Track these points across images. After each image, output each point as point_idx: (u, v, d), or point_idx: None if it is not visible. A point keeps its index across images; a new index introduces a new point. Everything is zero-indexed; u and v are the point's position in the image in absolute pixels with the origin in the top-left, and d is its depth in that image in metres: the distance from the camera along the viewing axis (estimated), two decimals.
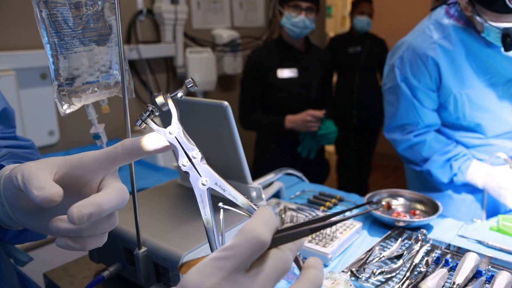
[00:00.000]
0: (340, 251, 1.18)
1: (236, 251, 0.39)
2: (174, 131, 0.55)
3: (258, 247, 0.40)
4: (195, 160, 0.55)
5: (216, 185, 0.55)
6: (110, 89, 0.91)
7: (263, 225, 0.41)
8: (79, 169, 0.56)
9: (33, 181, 0.50)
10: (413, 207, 1.44)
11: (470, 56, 1.62)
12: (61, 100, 0.85)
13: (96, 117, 0.94)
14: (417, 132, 1.76)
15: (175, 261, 0.85)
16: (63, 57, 0.83)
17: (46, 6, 0.79)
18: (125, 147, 0.56)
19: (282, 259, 0.42)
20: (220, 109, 0.94)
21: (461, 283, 0.96)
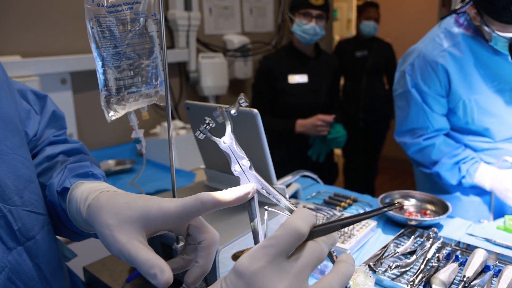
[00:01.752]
0: (357, 248, 1.26)
1: (279, 240, 0.48)
2: (228, 141, 0.64)
3: (297, 238, 0.48)
4: (244, 167, 0.63)
5: (262, 189, 0.63)
6: (150, 98, 1.00)
7: (301, 220, 0.49)
8: (164, 227, 0.64)
9: (141, 267, 0.59)
10: (424, 207, 1.52)
11: (478, 64, 1.69)
12: (108, 108, 0.94)
13: (137, 123, 1.02)
14: (426, 136, 1.83)
15: None
16: (111, 69, 0.92)
17: (98, 23, 0.88)
18: (206, 207, 0.61)
19: (317, 249, 0.49)
20: (250, 116, 1.03)
21: (471, 277, 1.05)
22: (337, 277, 0.50)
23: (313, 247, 0.49)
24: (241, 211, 1.09)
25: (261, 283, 0.46)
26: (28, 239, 0.69)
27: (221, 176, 1.25)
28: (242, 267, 0.47)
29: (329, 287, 0.48)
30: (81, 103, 2.62)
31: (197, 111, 1.15)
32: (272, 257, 0.47)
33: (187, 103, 1.16)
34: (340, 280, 0.49)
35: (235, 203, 0.62)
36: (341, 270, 0.50)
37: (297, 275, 0.47)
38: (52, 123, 0.95)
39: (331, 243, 0.51)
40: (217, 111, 0.66)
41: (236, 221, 1.04)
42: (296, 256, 0.48)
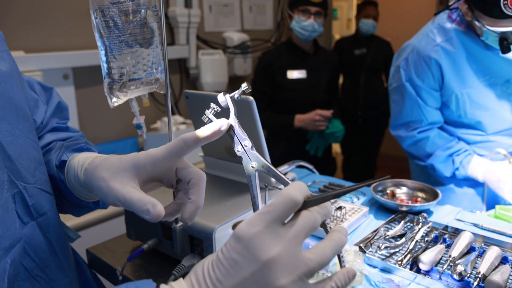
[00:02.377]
0: (349, 232, 1.31)
1: (275, 207, 0.52)
2: (232, 123, 0.68)
3: (292, 205, 0.53)
4: (246, 148, 0.68)
5: (262, 167, 0.69)
6: (151, 85, 1.05)
7: (296, 190, 0.54)
8: (155, 171, 0.71)
9: (135, 205, 0.65)
10: (415, 195, 1.57)
11: (470, 58, 1.73)
12: (110, 94, 0.99)
13: (138, 110, 1.07)
14: (421, 129, 1.88)
15: (208, 233, 0.98)
16: (114, 57, 0.97)
17: (101, 14, 0.93)
18: (188, 143, 0.69)
19: (311, 218, 0.54)
20: (246, 104, 1.08)
21: (456, 256, 1.09)
22: (329, 244, 0.54)
23: (307, 215, 0.54)
24: (237, 194, 1.14)
25: (258, 245, 0.50)
26: (41, 215, 0.74)
27: (219, 163, 1.30)
28: (241, 232, 0.52)
29: (322, 252, 0.53)
30: (83, 98, 2.67)
31: (196, 100, 1.20)
32: (269, 223, 0.52)
33: (187, 92, 1.21)
34: (332, 247, 0.54)
35: (212, 136, 0.69)
36: (333, 238, 0.55)
37: (291, 240, 0.51)
38: (57, 113, 1.01)
39: (324, 214, 0.56)
40: (222, 96, 0.71)
41: (233, 203, 1.09)
42: (291, 223, 0.53)
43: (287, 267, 0.50)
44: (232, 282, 0.50)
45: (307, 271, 0.51)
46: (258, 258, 0.50)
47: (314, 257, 0.52)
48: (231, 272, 0.51)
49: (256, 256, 0.50)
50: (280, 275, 0.50)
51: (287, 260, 0.50)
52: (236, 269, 0.51)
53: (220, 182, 1.25)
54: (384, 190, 1.59)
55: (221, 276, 0.51)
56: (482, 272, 1.01)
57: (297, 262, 0.51)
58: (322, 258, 0.52)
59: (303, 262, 0.51)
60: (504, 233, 1.28)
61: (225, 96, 0.71)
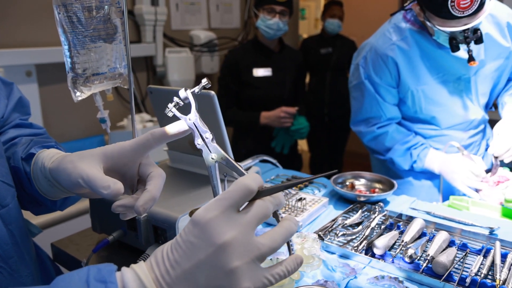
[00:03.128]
0: (309, 221, 1.37)
1: (231, 194, 0.56)
2: (193, 118, 0.72)
3: (247, 193, 0.57)
4: (207, 140, 0.72)
5: (221, 159, 0.72)
6: (114, 80, 1.08)
7: (251, 179, 0.58)
8: (121, 160, 0.74)
9: (97, 182, 0.68)
10: (373, 186, 1.64)
11: (424, 56, 1.82)
12: (74, 88, 1.01)
13: (102, 104, 1.10)
14: (380, 124, 1.96)
15: (172, 222, 1.02)
16: (77, 52, 0.99)
17: (64, 9, 0.95)
18: (156, 137, 0.72)
19: (263, 206, 0.58)
20: (207, 98, 1.12)
21: (408, 241, 1.16)
22: (280, 231, 0.58)
23: (260, 204, 0.58)
24: (200, 186, 1.18)
25: (214, 229, 0.54)
26: (3, 207, 0.76)
27: (183, 157, 1.33)
28: (198, 216, 0.55)
29: (273, 238, 0.57)
30: (47, 96, 2.65)
31: (160, 95, 1.23)
32: (225, 208, 0.55)
33: (150, 87, 1.24)
34: (282, 234, 0.58)
35: (179, 135, 0.73)
36: (284, 226, 0.59)
37: (245, 226, 0.55)
38: (19, 109, 1.01)
39: (276, 203, 0.60)
40: (183, 92, 0.74)
41: (196, 195, 1.13)
42: (245, 210, 0.57)
43: (240, 250, 0.54)
44: (189, 264, 0.54)
45: (259, 255, 0.55)
46: (214, 241, 0.53)
47: (265, 242, 0.56)
48: (188, 254, 0.54)
49: (211, 240, 0.53)
50: (234, 257, 0.53)
51: (241, 244, 0.54)
52: (193, 251, 0.54)
53: (184, 175, 1.28)
54: (343, 182, 1.66)
55: (178, 258, 0.54)
56: (431, 254, 1.09)
57: (250, 246, 0.55)
58: (273, 243, 0.57)
59: (255, 247, 0.55)
60: (453, 219, 1.36)
61: (186, 92, 0.74)
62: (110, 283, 0.53)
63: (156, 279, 0.54)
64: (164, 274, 0.54)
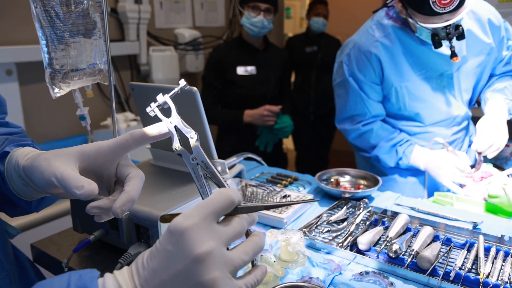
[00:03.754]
0: (294, 218, 1.36)
1: (213, 203, 0.55)
2: (174, 121, 0.70)
3: (229, 203, 0.56)
4: (192, 140, 0.70)
5: (202, 162, 0.70)
6: (94, 76, 1.06)
7: (234, 192, 0.57)
8: (98, 160, 0.71)
9: (70, 182, 0.65)
10: (358, 182, 1.64)
11: (407, 53, 1.82)
12: (52, 85, 0.99)
13: (81, 101, 1.07)
14: (365, 122, 1.96)
15: (154, 220, 1.00)
16: (55, 47, 0.97)
17: (41, 3, 0.93)
18: (135, 138, 0.70)
19: (241, 224, 0.57)
20: (190, 94, 1.10)
21: (393, 237, 1.16)
22: (250, 245, 0.57)
23: (238, 221, 0.57)
24: (183, 184, 1.16)
25: (191, 237, 0.52)
26: None
27: (166, 154, 1.31)
28: (175, 224, 0.53)
29: (244, 252, 0.56)
30: (28, 95, 2.60)
31: (142, 92, 1.21)
32: (205, 215, 0.54)
33: (132, 84, 1.22)
34: (252, 247, 0.57)
35: (158, 137, 0.71)
36: (254, 239, 0.58)
37: (222, 239, 0.54)
38: None
39: (250, 222, 0.59)
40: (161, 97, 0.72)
41: (179, 192, 1.11)
42: (224, 224, 0.56)
43: (217, 262, 0.52)
44: (166, 274, 0.52)
45: (234, 268, 0.54)
46: (191, 251, 0.51)
47: (239, 255, 0.55)
48: (165, 264, 0.52)
49: (189, 249, 0.52)
50: (212, 269, 0.52)
51: (218, 256, 0.53)
52: (170, 261, 0.52)
53: (167, 173, 1.27)
54: (328, 179, 1.66)
55: (156, 267, 0.53)
56: (415, 249, 1.09)
57: (225, 258, 0.54)
58: (245, 257, 0.56)
59: (230, 259, 0.54)
60: (437, 215, 1.37)
61: (164, 96, 0.72)
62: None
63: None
64: (143, 283, 0.53)
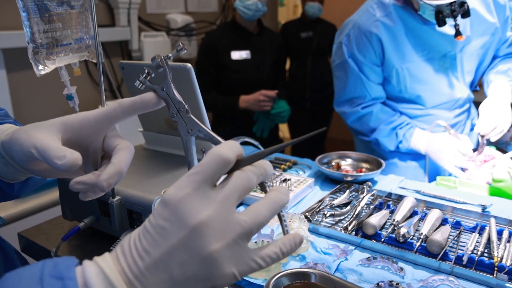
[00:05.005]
0: (295, 202, 1.30)
1: (204, 168, 0.48)
2: (166, 87, 0.64)
3: (222, 164, 0.48)
4: (182, 111, 0.64)
5: (198, 131, 0.64)
6: (81, 53, 0.98)
7: (227, 148, 0.49)
8: (82, 131, 0.64)
9: (51, 152, 0.58)
10: (360, 166, 1.58)
11: (409, 33, 1.76)
12: (36, 61, 0.92)
13: (68, 79, 1.00)
14: (364, 104, 1.90)
15: (147, 205, 0.94)
16: (37, 20, 0.89)
17: None
18: (124, 107, 0.63)
19: (244, 177, 0.49)
20: (184, 71, 1.03)
21: (400, 220, 1.11)
22: (266, 203, 0.49)
23: (239, 175, 0.49)
24: (177, 167, 1.10)
25: (186, 209, 0.45)
26: None
27: (159, 137, 1.25)
28: (167, 196, 0.47)
29: (257, 212, 0.48)
30: (17, 83, 2.51)
31: (132, 70, 1.14)
32: (198, 184, 0.47)
33: (122, 62, 1.15)
34: (269, 207, 0.49)
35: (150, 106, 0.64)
36: (271, 197, 0.50)
37: (223, 201, 0.47)
38: None
39: (260, 173, 0.51)
40: (155, 59, 0.66)
41: (173, 176, 1.05)
42: (222, 184, 0.49)
43: (219, 230, 0.46)
44: (159, 251, 0.45)
45: (243, 233, 0.47)
46: (186, 222, 0.45)
47: (248, 218, 0.47)
48: (158, 240, 0.46)
49: (184, 221, 0.45)
50: (212, 239, 0.45)
51: (219, 223, 0.46)
52: (164, 236, 0.46)
53: (160, 157, 1.20)
54: (329, 163, 1.60)
55: (147, 246, 0.46)
56: (424, 233, 1.03)
57: (230, 224, 0.46)
58: (257, 217, 0.48)
59: (237, 224, 0.47)
60: (444, 198, 1.31)
61: (158, 58, 0.66)
62: (68, 279, 0.43)
63: (122, 272, 0.45)
64: (132, 265, 0.45)
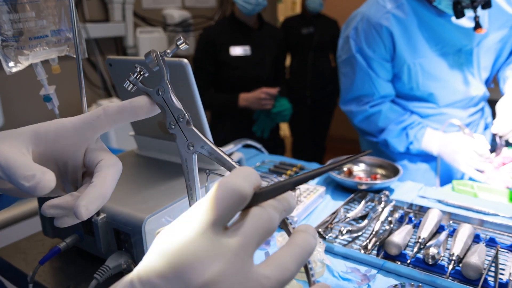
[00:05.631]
0: (305, 215, 1.17)
1: (213, 204, 0.35)
2: (163, 91, 0.51)
3: (237, 200, 0.35)
4: (181, 122, 0.51)
5: (202, 148, 0.50)
6: (60, 47, 0.85)
7: (242, 178, 0.36)
8: (59, 142, 0.50)
9: (17, 171, 0.44)
10: (374, 171, 1.45)
11: (422, 26, 1.64)
12: (6, 57, 0.78)
13: (46, 78, 0.87)
14: (373, 103, 1.78)
15: (137, 225, 0.80)
16: (7, 8, 0.76)
17: None
18: (109, 114, 0.50)
19: (264, 216, 0.37)
20: (179, 68, 0.90)
21: (426, 237, 0.97)
22: (292, 252, 0.37)
23: (258, 214, 0.37)
24: (173, 178, 0.97)
25: (190, 262, 0.33)
26: None
27: (152, 142, 1.11)
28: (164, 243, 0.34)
29: (282, 265, 0.36)
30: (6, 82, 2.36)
31: (121, 67, 1.01)
32: (205, 227, 0.34)
33: (110, 58, 1.01)
34: (297, 257, 0.37)
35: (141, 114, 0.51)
36: (297, 242, 0.38)
37: (238, 251, 0.34)
38: None
39: (283, 209, 0.39)
40: (150, 55, 0.52)
41: (168, 188, 0.91)
42: (236, 227, 0.36)
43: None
44: None
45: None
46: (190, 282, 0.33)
47: (271, 273, 0.35)
48: None
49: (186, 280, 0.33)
50: None
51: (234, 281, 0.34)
52: None
53: (154, 164, 1.07)
54: (340, 168, 1.47)
55: None
56: (456, 253, 0.90)
57: (248, 282, 0.34)
58: (283, 274, 0.35)
59: (256, 282, 0.34)
60: (471, 209, 1.18)
61: (153, 55, 0.53)
62: None
63: None
64: None
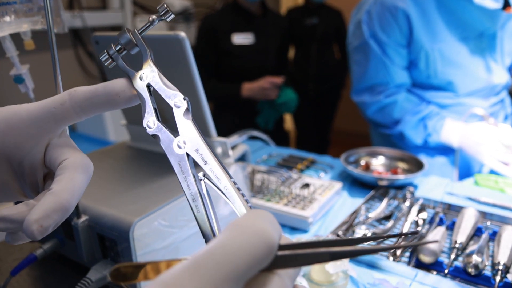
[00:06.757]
0: (321, 215, 1.03)
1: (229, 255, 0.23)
2: (147, 76, 0.38)
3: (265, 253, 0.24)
4: (177, 110, 0.37)
5: (196, 152, 0.37)
6: (32, 17, 0.71)
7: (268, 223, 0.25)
8: (10, 137, 0.38)
9: None
10: (394, 165, 1.32)
11: (441, 8, 1.51)
12: None
13: (16, 54, 0.73)
14: (387, 92, 1.65)
15: (124, 230, 0.66)
16: None
17: None
18: (77, 101, 0.38)
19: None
20: (175, 42, 0.76)
21: (464, 242, 0.84)
22: None
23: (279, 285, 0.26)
24: (169, 173, 0.83)
25: None
26: None
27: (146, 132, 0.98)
28: None
29: None
30: None
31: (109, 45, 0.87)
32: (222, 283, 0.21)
33: (96, 36, 0.88)
34: None
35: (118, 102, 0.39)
36: None
37: None
38: None
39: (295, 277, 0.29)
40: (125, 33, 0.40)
41: (162, 186, 0.78)
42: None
43: None
44: None
45: None
46: None
47: None
48: None
49: None
50: None
51: None
52: None
53: (147, 157, 0.93)
54: (357, 161, 1.33)
55: None
56: (503, 261, 0.76)
57: None
58: None
59: None
60: (508, 207, 1.04)
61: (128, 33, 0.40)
62: None
63: None
64: None
